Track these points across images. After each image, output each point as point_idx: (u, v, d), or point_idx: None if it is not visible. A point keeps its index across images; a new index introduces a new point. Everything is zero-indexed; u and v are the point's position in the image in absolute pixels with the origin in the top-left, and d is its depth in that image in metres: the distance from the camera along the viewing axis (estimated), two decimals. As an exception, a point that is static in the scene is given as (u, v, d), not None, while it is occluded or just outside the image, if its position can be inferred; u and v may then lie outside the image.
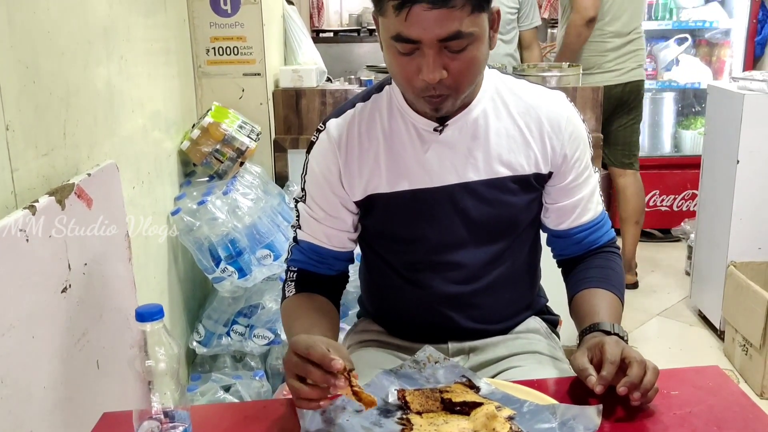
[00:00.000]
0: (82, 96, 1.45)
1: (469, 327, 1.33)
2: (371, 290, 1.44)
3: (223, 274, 2.10)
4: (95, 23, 1.54)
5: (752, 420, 1.01)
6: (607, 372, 1.02)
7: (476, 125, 1.22)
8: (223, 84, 2.45)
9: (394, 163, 1.23)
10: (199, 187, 2.20)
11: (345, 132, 1.25)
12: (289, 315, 1.27)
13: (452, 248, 1.27)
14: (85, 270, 1.29)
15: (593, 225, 1.31)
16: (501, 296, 1.33)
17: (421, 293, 1.31)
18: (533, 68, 2.96)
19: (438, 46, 1.06)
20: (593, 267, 1.30)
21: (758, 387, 2.62)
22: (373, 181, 1.24)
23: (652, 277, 3.81)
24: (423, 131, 1.22)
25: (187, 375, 2.27)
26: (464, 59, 1.09)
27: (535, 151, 1.24)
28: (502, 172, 1.23)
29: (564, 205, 1.29)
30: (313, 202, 1.28)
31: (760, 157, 2.80)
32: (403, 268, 1.31)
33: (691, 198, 4.15)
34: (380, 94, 1.27)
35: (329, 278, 1.32)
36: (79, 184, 1.28)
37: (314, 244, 1.29)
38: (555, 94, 1.28)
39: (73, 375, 1.23)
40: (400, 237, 1.28)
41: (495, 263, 1.30)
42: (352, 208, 1.28)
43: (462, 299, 1.31)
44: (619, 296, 1.26)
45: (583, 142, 1.27)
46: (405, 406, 1.04)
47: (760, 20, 4.13)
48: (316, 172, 1.26)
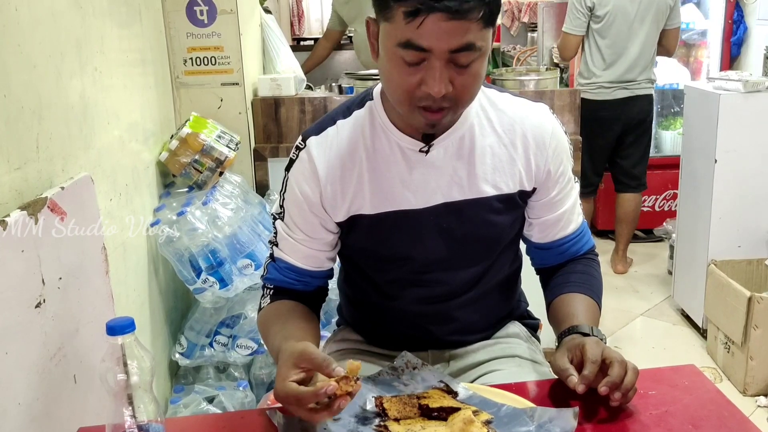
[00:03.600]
0: (55, 109, 1.44)
1: (450, 339, 1.34)
2: (350, 302, 1.43)
3: (204, 285, 2.09)
4: (68, 35, 1.53)
5: (727, 418, 1.02)
6: (588, 371, 1.02)
7: (462, 144, 1.20)
8: (201, 94, 2.44)
9: (377, 184, 1.20)
10: (178, 198, 2.19)
11: (326, 152, 1.21)
12: (266, 321, 1.25)
13: (435, 267, 1.26)
14: (60, 284, 1.28)
15: (575, 237, 1.31)
16: (482, 309, 1.33)
17: (402, 309, 1.31)
18: (511, 72, 2.98)
19: (447, 59, 1.02)
20: (572, 272, 1.30)
21: (741, 384, 2.64)
22: (357, 202, 1.21)
23: (636, 277, 3.83)
24: (408, 150, 1.19)
25: (170, 387, 2.25)
26: (469, 74, 1.05)
27: (520, 169, 1.22)
28: (488, 192, 1.21)
29: (548, 219, 1.28)
30: (292, 222, 1.25)
31: (737, 156, 2.84)
32: (384, 285, 1.30)
33: (673, 198, 4.18)
34: (362, 110, 1.23)
35: (307, 293, 1.30)
36: (52, 198, 1.27)
37: (291, 264, 1.26)
38: (538, 108, 1.25)
39: (50, 390, 1.22)
40: (383, 256, 1.26)
41: (477, 280, 1.30)
42: (333, 228, 1.25)
43: (443, 315, 1.31)
44: (597, 301, 1.27)
45: (566, 155, 1.26)
46: (383, 413, 1.04)
47: (736, 21, 4.18)
48: (296, 192, 1.23)
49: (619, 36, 3.49)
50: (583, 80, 3.62)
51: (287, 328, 1.17)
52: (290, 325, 1.18)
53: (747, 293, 2.58)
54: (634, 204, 3.76)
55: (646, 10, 3.45)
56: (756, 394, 2.61)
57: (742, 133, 2.82)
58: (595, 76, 3.56)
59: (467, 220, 1.22)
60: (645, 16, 3.46)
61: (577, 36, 3.52)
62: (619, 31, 3.48)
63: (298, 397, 0.94)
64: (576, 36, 3.52)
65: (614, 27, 3.48)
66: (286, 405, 0.98)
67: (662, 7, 3.47)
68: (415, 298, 1.29)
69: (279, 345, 1.07)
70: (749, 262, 2.90)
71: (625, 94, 3.55)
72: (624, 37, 3.48)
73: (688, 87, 3.20)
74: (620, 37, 3.49)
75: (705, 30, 4.40)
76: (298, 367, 0.98)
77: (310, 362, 0.98)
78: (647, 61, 3.53)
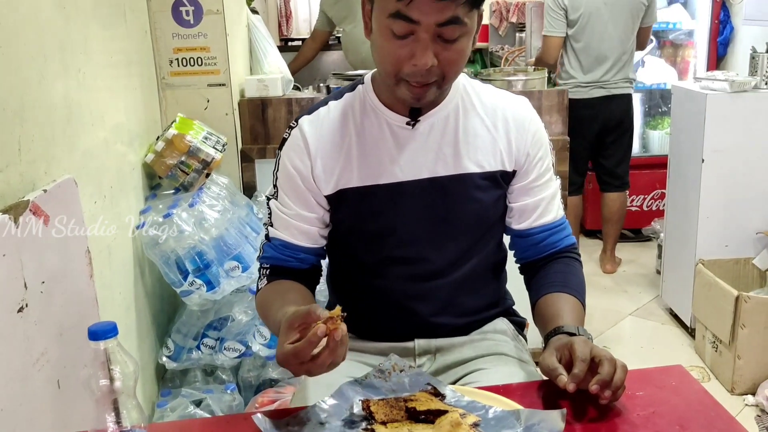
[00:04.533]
0: (38, 111, 1.42)
1: (436, 322, 1.34)
2: (338, 292, 1.44)
3: (191, 288, 2.07)
4: (51, 37, 1.52)
5: (714, 418, 1.02)
6: (579, 370, 1.02)
7: (447, 122, 1.26)
8: (187, 95, 2.43)
9: (365, 159, 1.25)
10: (164, 200, 2.18)
11: (317, 128, 1.27)
12: (265, 300, 1.27)
13: (420, 243, 1.29)
14: (43, 288, 1.27)
15: (554, 227, 1.33)
16: (467, 292, 1.34)
17: (388, 289, 1.32)
18: (499, 72, 2.98)
19: (434, 32, 1.09)
20: (554, 272, 1.31)
21: (728, 383, 2.65)
22: (344, 176, 1.26)
23: (624, 276, 3.84)
24: (396, 127, 1.25)
25: (157, 391, 2.23)
26: (455, 50, 1.12)
27: (501, 149, 1.28)
28: (471, 169, 1.26)
29: (526, 204, 1.31)
30: (285, 198, 1.29)
31: (724, 155, 2.85)
32: (371, 265, 1.32)
33: (661, 198, 4.19)
34: (353, 92, 1.30)
35: (303, 271, 1.33)
36: (34, 201, 1.26)
37: (286, 241, 1.30)
38: (519, 98, 1.34)
39: (33, 396, 1.21)
40: (369, 231, 1.29)
41: (462, 259, 1.32)
42: (323, 203, 1.29)
43: (428, 295, 1.32)
44: (580, 300, 1.28)
45: (544, 145, 1.32)
46: (370, 417, 1.03)
47: (722, 21, 4.20)
48: (288, 167, 1.28)
49: (593, 38, 3.49)
50: (562, 81, 3.64)
51: (286, 305, 1.17)
52: (288, 302, 1.19)
53: (734, 292, 2.59)
54: (619, 203, 3.79)
55: (620, 11, 3.46)
56: (743, 392, 2.61)
57: (729, 133, 2.82)
58: (573, 78, 3.58)
59: (451, 195, 1.26)
60: (619, 17, 3.46)
61: (559, 37, 3.53)
62: (593, 33, 3.48)
63: (295, 353, 0.96)
64: (557, 37, 3.53)
65: (587, 30, 3.48)
66: (289, 368, 0.99)
67: (637, 7, 3.48)
68: (400, 275, 1.31)
69: (279, 320, 1.08)
70: (737, 261, 2.91)
71: (602, 93, 3.56)
72: (598, 39, 3.49)
73: (675, 87, 3.21)
74: (594, 39, 3.49)
75: (692, 30, 4.42)
76: (291, 329, 1.00)
77: (298, 317, 1.00)
78: (624, 62, 3.54)
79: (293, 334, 0.99)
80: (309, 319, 0.98)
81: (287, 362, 0.99)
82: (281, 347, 0.99)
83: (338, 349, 0.97)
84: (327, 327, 0.96)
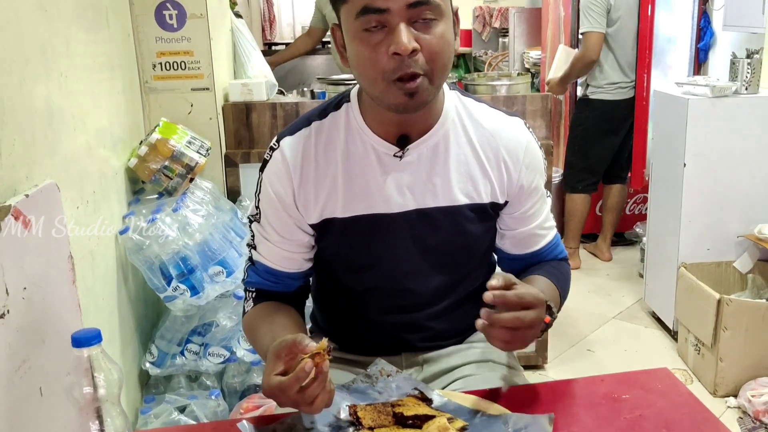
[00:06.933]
0: (18, 115, 1.40)
1: (422, 346, 1.33)
2: (323, 310, 1.42)
3: (174, 293, 2.06)
4: (32, 40, 1.50)
5: (701, 421, 1.03)
6: (496, 281, 1.02)
7: (436, 150, 1.20)
8: (170, 99, 2.41)
9: (351, 187, 1.19)
10: (148, 205, 2.16)
11: (300, 152, 1.20)
12: (252, 324, 1.25)
13: (407, 275, 1.25)
14: (25, 294, 1.25)
15: (547, 250, 1.32)
16: (453, 320, 1.32)
17: (374, 318, 1.30)
18: (483, 77, 2.99)
19: (407, 16, 1.03)
20: (541, 267, 1.30)
21: (711, 385, 2.67)
22: (330, 205, 1.20)
23: (607, 280, 3.86)
24: (383, 155, 1.19)
25: (140, 397, 2.21)
26: (434, 35, 1.05)
27: (493, 181, 1.22)
28: (460, 200, 1.21)
29: (520, 233, 1.28)
30: (268, 224, 1.24)
31: (705, 159, 2.87)
32: (356, 294, 1.29)
33: (643, 201, 4.23)
34: (338, 111, 1.22)
35: (288, 294, 1.30)
36: (15, 206, 1.24)
37: (270, 267, 1.26)
38: (513, 122, 1.26)
39: (14, 404, 1.19)
40: (355, 262, 1.26)
41: (449, 289, 1.29)
42: (308, 230, 1.24)
43: (415, 324, 1.30)
44: (560, 290, 1.25)
45: (539, 170, 1.27)
46: (357, 422, 1.03)
47: (703, 27, 4.23)
48: (270, 192, 1.22)
49: (627, 39, 3.70)
50: (594, 83, 3.79)
51: (274, 329, 1.16)
52: (276, 326, 1.18)
53: (716, 295, 2.61)
54: (624, 193, 4.08)
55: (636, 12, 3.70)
56: (726, 395, 2.64)
57: (711, 137, 2.85)
58: (611, 78, 3.74)
59: (440, 228, 1.21)
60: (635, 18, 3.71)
61: (601, 33, 3.63)
62: (627, 34, 3.70)
63: (282, 387, 0.95)
64: (600, 33, 3.62)
65: (623, 30, 3.68)
66: (275, 400, 0.98)
67: None
68: (386, 307, 1.28)
69: (267, 346, 1.07)
70: (718, 264, 2.93)
71: (633, 93, 3.81)
72: (631, 40, 3.71)
73: (657, 92, 3.24)
74: (627, 39, 3.71)
75: (674, 36, 4.45)
76: (278, 359, 0.98)
77: (285, 348, 0.98)
78: None
79: (279, 364, 0.98)
80: (295, 349, 0.97)
81: (273, 395, 0.97)
82: (267, 378, 0.97)
83: (325, 383, 0.97)
84: (314, 362, 0.95)
